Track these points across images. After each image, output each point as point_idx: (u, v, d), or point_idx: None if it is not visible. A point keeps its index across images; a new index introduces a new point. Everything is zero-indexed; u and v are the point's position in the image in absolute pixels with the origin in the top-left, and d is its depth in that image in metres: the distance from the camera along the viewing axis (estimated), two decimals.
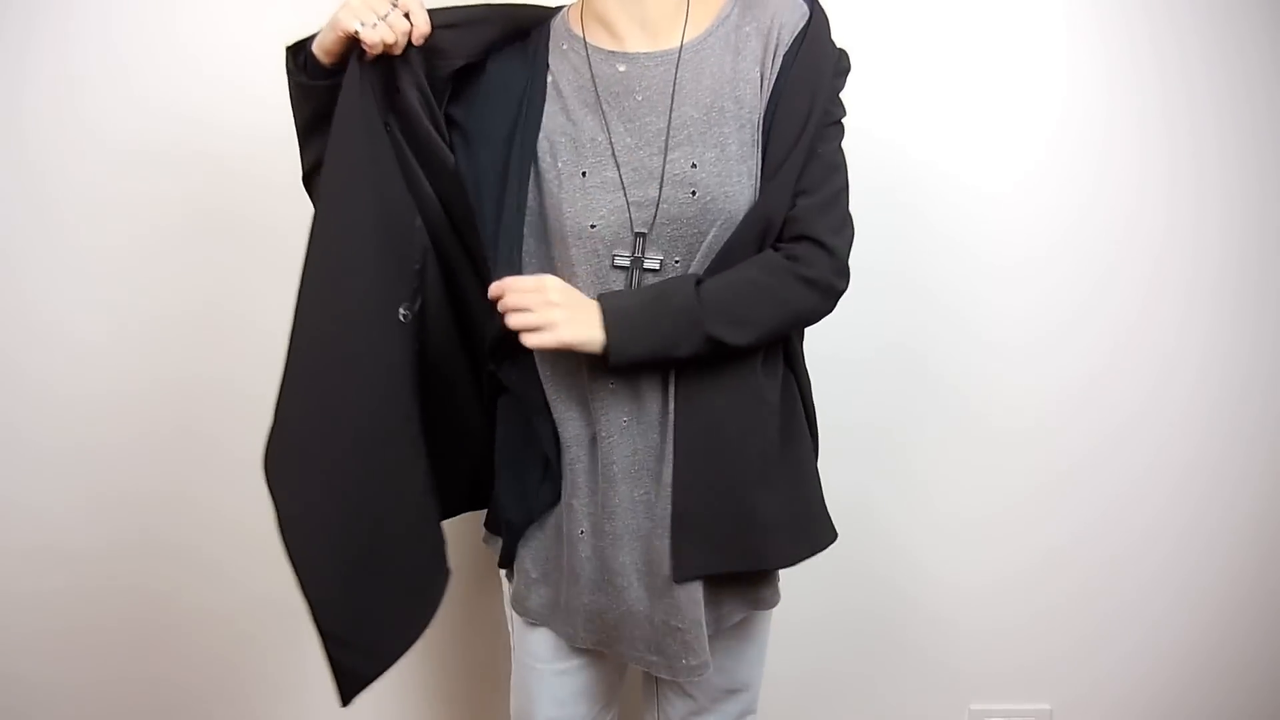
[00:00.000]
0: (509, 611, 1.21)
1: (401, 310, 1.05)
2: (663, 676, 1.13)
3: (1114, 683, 1.70)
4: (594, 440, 1.09)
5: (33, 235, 1.47)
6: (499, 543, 1.17)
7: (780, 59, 1.06)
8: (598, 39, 1.10)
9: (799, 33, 1.06)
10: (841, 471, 1.29)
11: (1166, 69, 1.51)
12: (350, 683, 1.01)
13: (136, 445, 1.54)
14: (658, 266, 1.05)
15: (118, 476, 1.54)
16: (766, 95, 1.06)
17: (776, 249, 1.06)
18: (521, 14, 1.14)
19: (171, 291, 1.50)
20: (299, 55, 1.03)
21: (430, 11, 1.02)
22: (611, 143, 1.05)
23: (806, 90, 1.05)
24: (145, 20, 1.44)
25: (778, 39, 1.06)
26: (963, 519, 1.63)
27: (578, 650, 1.16)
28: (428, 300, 1.10)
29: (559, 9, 1.15)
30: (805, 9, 1.08)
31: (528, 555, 1.14)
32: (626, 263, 1.05)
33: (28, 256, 1.48)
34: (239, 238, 1.49)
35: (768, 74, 1.06)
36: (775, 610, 1.18)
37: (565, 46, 1.11)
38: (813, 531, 1.15)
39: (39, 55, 1.43)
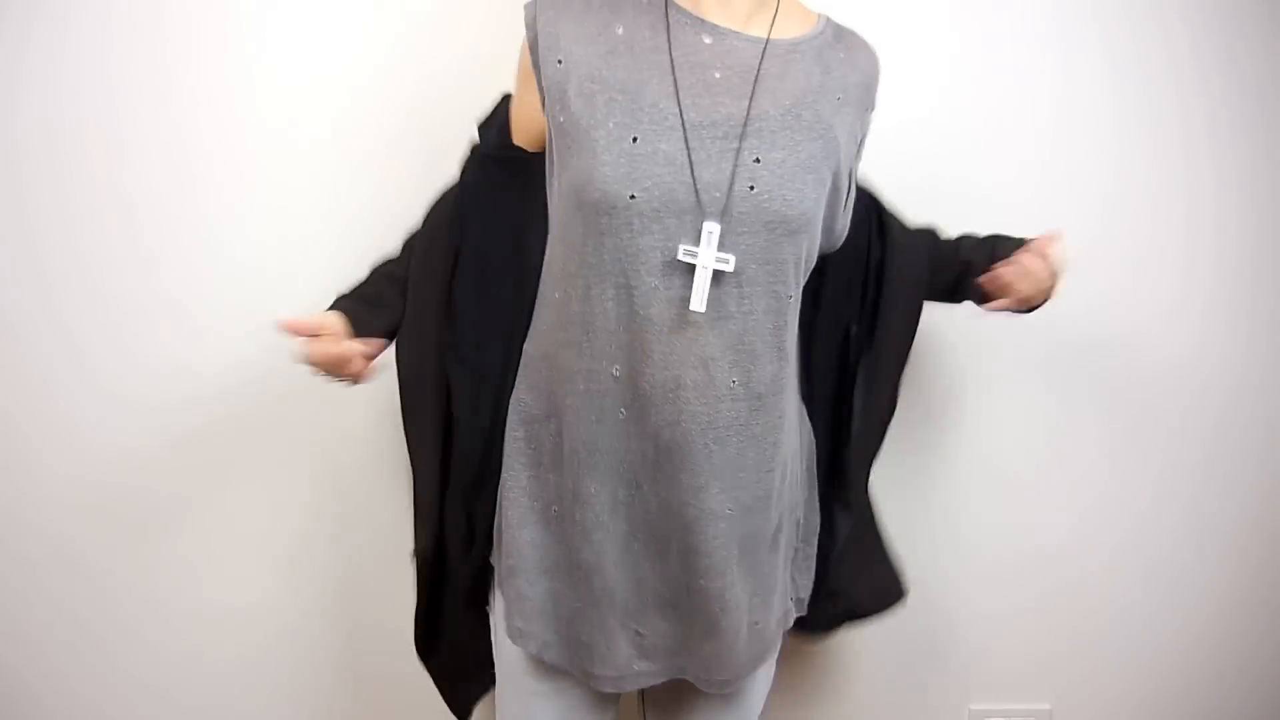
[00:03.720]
0: (492, 627, 1.18)
1: None
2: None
3: (1114, 682, 1.70)
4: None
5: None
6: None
7: (869, 118, 1.11)
8: (686, 3, 1.02)
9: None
10: None
11: (1167, 67, 1.50)
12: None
13: (142, 447, 1.53)
14: (730, 267, 0.96)
15: (122, 477, 1.54)
16: (858, 146, 1.10)
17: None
18: None
19: (179, 289, 1.50)
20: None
21: None
22: (683, 117, 0.97)
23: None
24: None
25: (871, 96, 1.10)
26: (961, 519, 1.63)
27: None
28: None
29: None
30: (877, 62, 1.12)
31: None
32: (692, 259, 0.95)
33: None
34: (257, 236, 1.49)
35: (864, 126, 1.10)
36: None
37: (648, 2, 1.03)
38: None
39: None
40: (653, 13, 1.01)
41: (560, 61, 1.00)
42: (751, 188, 0.97)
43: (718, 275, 0.96)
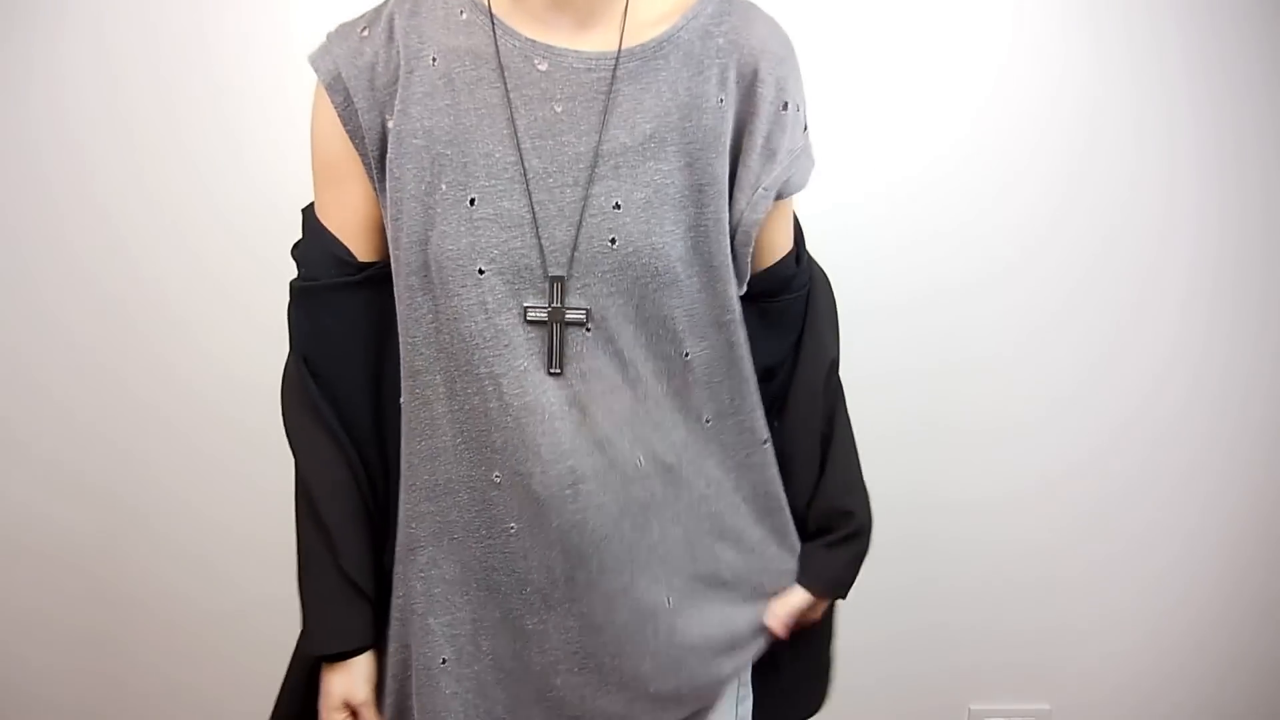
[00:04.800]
0: None
1: None
2: None
3: (1114, 683, 1.70)
4: None
5: (36, 233, 1.47)
6: None
7: (785, 119, 0.86)
8: (508, 16, 0.83)
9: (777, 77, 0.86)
10: None
11: (1162, 60, 1.50)
12: None
13: (139, 447, 1.54)
14: (584, 318, 0.82)
15: (120, 477, 1.54)
16: (765, 157, 0.85)
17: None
18: None
19: (177, 290, 1.50)
20: None
21: None
22: (524, 164, 0.81)
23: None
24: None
25: (775, 88, 0.85)
26: (961, 518, 1.63)
27: None
28: None
29: None
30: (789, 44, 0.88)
31: None
32: (544, 315, 0.82)
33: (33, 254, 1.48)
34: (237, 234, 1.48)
35: (776, 129, 0.86)
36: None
37: (465, 16, 0.83)
38: None
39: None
40: (473, 34, 0.82)
41: (382, 116, 0.83)
42: (613, 240, 0.81)
43: (595, 345, 0.83)
